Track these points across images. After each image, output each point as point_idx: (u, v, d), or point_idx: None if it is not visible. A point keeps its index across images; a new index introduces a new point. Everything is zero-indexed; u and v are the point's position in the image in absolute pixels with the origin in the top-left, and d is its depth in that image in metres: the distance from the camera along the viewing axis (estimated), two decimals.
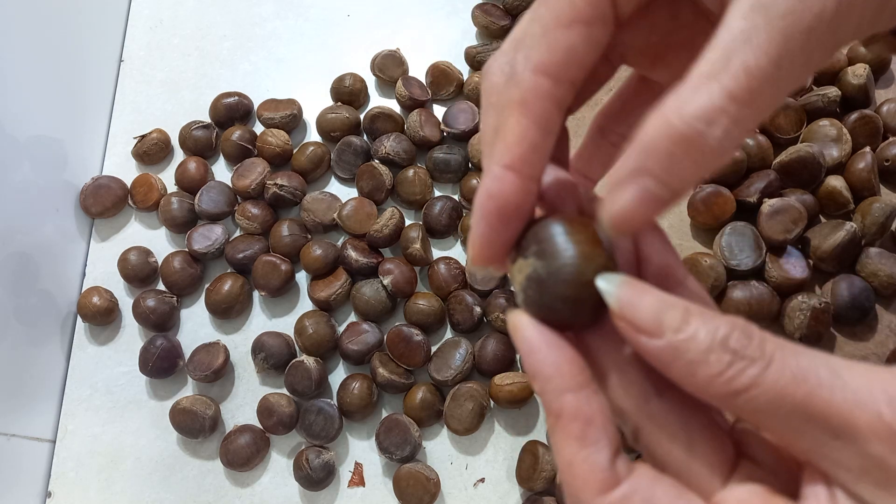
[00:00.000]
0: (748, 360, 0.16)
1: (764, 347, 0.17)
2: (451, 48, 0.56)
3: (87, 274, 0.52)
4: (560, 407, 0.18)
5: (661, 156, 0.17)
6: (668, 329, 0.17)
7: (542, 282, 0.19)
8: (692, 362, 0.17)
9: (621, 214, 0.18)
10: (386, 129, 0.52)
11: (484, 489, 0.45)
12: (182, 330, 0.50)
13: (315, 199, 0.51)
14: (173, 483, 0.46)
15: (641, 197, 0.17)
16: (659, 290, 0.18)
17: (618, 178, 0.18)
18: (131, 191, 0.53)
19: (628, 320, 0.18)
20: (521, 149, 0.19)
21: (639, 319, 0.17)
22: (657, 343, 0.17)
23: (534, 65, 0.19)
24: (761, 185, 0.44)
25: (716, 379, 0.17)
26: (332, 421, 0.45)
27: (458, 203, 0.50)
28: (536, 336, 0.19)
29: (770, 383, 0.16)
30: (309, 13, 0.59)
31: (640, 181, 0.17)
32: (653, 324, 0.17)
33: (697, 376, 0.17)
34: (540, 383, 0.18)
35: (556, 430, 0.18)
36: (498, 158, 0.19)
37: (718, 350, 0.17)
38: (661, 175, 0.17)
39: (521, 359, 0.19)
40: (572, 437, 0.18)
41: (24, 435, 0.46)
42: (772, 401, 0.16)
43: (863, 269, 0.43)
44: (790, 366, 0.16)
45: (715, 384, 0.17)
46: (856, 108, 0.47)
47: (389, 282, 0.46)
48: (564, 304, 0.19)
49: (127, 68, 0.58)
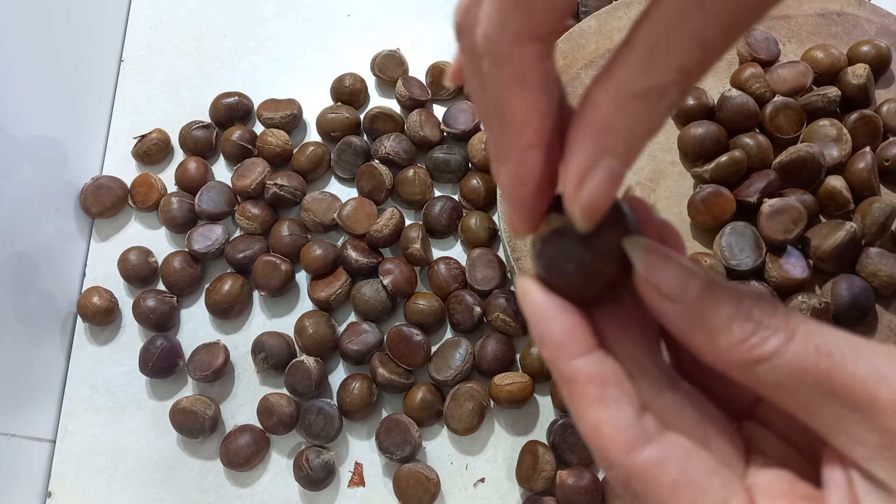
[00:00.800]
0: (772, 330, 0.16)
1: (788, 320, 0.17)
2: (451, 48, 0.56)
3: (87, 274, 0.52)
4: (573, 372, 0.18)
5: (621, 132, 0.17)
6: (693, 295, 0.17)
7: (564, 241, 0.19)
8: (714, 329, 0.17)
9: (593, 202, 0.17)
10: (386, 129, 0.52)
11: (484, 489, 0.45)
12: (182, 330, 0.50)
13: (315, 199, 0.51)
14: (173, 483, 0.46)
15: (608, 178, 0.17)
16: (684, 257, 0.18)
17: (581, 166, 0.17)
18: (131, 191, 0.53)
19: (654, 283, 0.17)
20: (535, 122, 0.18)
21: (664, 283, 0.17)
22: (679, 309, 0.17)
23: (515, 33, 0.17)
24: (761, 185, 0.44)
25: (738, 346, 0.16)
26: (332, 421, 0.45)
27: (458, 203, 0.50)
28: (546, 301, 0.19)
29: (793, 354, 0.16)
30: (309, 13, 0.59)
31: (604, 163, 0.17)
32: (678, 289, 0.17)
33: (719, 343, 0.17)
34: (550, 350, 0.18)
35: (574, 397, 0.18)
36: (515, 142, 0.18)
37: (742, 318, 0.16)
38: (623, 152, 0.17)
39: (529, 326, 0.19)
40: (592, 400, 0.18)
41: (24, 435, 0.46)
42: (794, 371, 0.16)
43: (863, 269, 0.43)
44: (814, 339, 0.16)
45: (737, 351, 0.16)
46: (856, 108, 0.47)
47: (389, 282, 0.46)
48: (578, 270, 0.18)
49: (127, 68, 0.58)
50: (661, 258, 0.18)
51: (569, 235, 0.19)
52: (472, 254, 0.48)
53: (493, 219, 0.50)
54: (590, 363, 0.18)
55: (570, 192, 0.18)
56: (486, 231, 0.49)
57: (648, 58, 0.16)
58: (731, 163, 0.45)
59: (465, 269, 0.48)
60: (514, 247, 0.46)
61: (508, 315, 0.46)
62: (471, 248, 0.49)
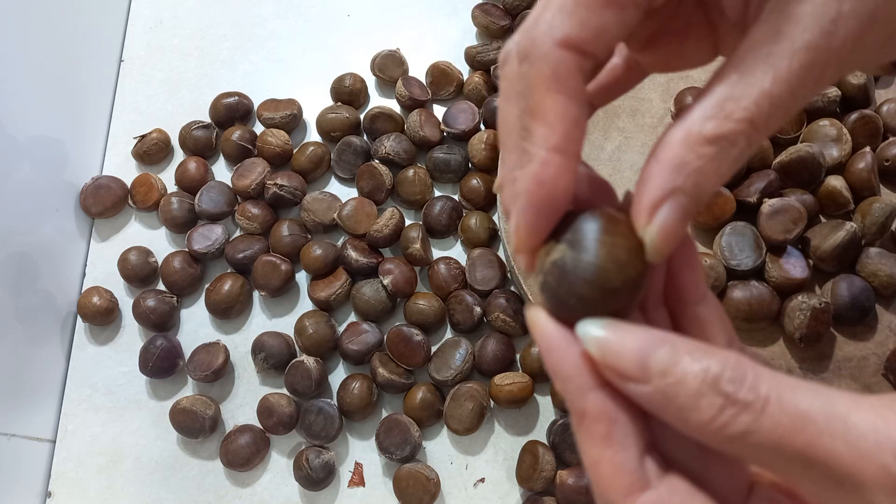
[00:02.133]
0: (741, 406, 0.16)
1: (758, 388, 0.16)
2: (451, 48, 0.56)
3: (87, 274, 0.52)
4: (583, 407, 0.18)
5: (691, 172, 0.17)
6: (655, 374, 0.16)
7: (565, 272, 0.18)
8: (683, 408, 0.16)
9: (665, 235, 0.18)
10: (386, 129, 0.52)
11: (484, 489, 0.45)
12: (182, 330, 0.50)
13: (315, 199, 0.51)
14: (173, 483, 0.46)
15: (680, 215, 0.17)
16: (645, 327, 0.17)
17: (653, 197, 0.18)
18: (131, 191, 0.53)
19: (612, 367, 0.17)
20: (564, 127, 0.18)
21: (623, 366, 0.17)
22: (645, 389, 0.17)
23: (560, 38, 0.18)
24: (761, 185, 0.44)
25: (708, 425, 0.16)
26: (332, 421, 0.45)
27: (458, 203, 0.50)
28: (554, 333, 0.18)
29: (766, 431, 0.15)
30: (309, 13, 0.59)
31: (676, 199, 0.17)
32: (638, 369, 0.17)
33: (690, 422, 0.16)
34: (561, 382, 0.18)
35: (581, 431, 0.18)
36: (542, 141, 0.18)
37: (709, 394, 0.16)
38: (692, 190, 0.17)
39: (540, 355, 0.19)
40: (597, 438, 0.17)
41: (24, 435, 0.46)
42: (769, 447, 0.16)
43: (863, 269, 0.43)
44: (787, 410, 0.15)
45: (708, 430, 0.16)
46: (856, 108, 0.47)
47: (389, 282, 0.46)
48: (579, 303, 0.18)
49: (127, 68, 0.58)
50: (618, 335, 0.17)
51: (569, 267, 0.18)
52: (472, 254, 0.48)
53: (493, 219, 0.50)
54: (601, 399, 0.17)
55: (641, 221, 0.18)
56: (486, 231, 0.49)
57: (720, 107, 0.17)
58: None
59: (465, 269, 0.48)
60: None
61: (508, 315, 0.46)
62: (471, 248, 0.49)
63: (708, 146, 0.17)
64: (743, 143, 0.17)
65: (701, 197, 0.18)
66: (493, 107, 0.51)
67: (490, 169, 0.51)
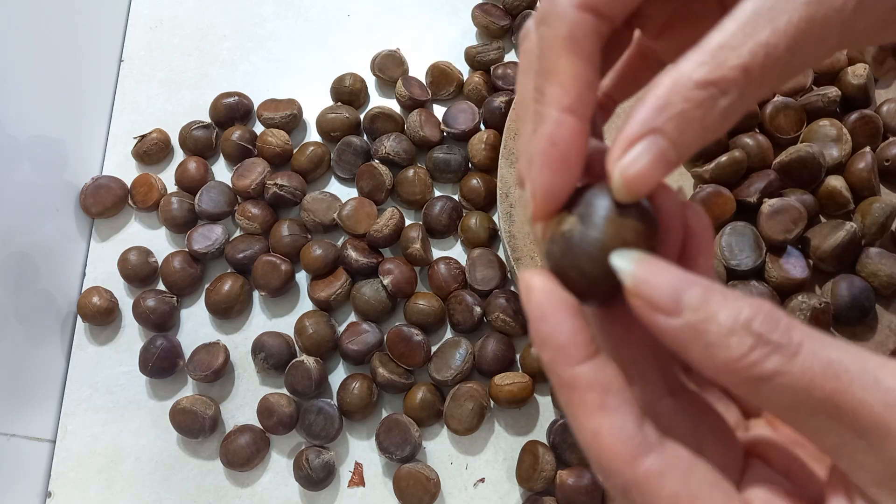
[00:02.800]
0: (773, 346, 0.15)
1: (791, 334, 0.15)
2: (451, 48, 0.56)
3: (87, 274, 0.52)
4: (573, 377, 0.17)
5: (674, 114, 0.17)
6: (687, 308, 0.16)
7: (571, 244, 0.18)
8: (712, 344, 0.16)
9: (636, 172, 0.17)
10: (386, 129, 0.52)
11: (484, 489, 0.45)
12: (182, 330, 0.50)
13: (315, 199, 0.51)
14: (173, 483, 0.46)
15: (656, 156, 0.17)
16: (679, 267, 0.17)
17: (631, 133, 0.17)
18: (131, 191, 0.53)
19: (644, 298, 0.17)
20: (578, 88, 0.18)
21: (656, 297, 0.16)
22: (675, 322, 0.16)
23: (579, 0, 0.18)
24: (761, 185, 0.44)
25: (737, 363, 0.15)
26: (332, 421, 0.45)
27: (458, 203, 0.50)
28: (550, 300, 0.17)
29: (797, 374, 0.15)
30: (309, 13, 0.59)
31: (654, 139, 0.17)
32: (670, 302, 0.16)
33: (716, 359, 0.16)
34: (550, 352, 0.17)
35: (573, 403, 0.17)
36: (555, 101, 0.18)
37: (741, 333, 0.15)
38: (673, 135, 0.17)
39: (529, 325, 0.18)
40: (592, 407, 0.17)
41: (24, 435, 0.46)
42: (797, 393, 0.15)
43: (863, 269, 0.43)
44: (819, 357, 0.15)
45: (735, 369, 0.15)
46: (856, 108, 0.47)
47: (389, 282, 0.46)
48: (579, 276, 0.18)
49: (127, 68, 0.58)
50: (652, 270, 0.17)
51: (576, 240, 0.18)
52: (472, 254, 0.48)
53: (493, 219, 0.50)
54: (592, 369, 0.17)
55: (614, 155, 0.17)
56: (486, 231, 0.49)
57: (713, 54, 0.17)
58: (731, 163, 0.45)
59: (465, 269, 0.48)
60: (515, 247, 0.46)
61: (508, 315, 0.46)
62: (471, 248, 0.49)
63: (696, 90, 0.17)
64: (734, 95, 0.17)
65: (681, 145, 0.17)
66: (494, 107, 0.51)
67: (490, 169, 0.51)
